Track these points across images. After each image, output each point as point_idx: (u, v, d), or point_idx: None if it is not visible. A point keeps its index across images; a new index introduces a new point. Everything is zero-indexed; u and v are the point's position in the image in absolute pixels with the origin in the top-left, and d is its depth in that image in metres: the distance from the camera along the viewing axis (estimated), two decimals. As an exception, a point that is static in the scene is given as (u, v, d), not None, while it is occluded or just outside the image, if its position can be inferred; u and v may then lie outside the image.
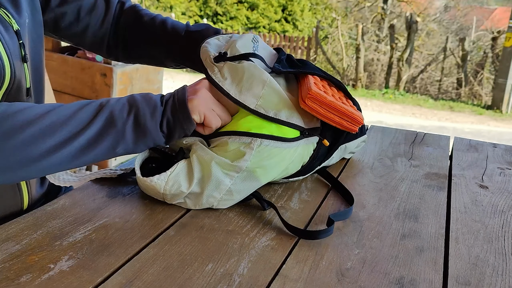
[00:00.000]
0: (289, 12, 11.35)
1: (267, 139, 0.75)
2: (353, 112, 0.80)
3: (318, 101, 0.77)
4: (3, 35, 0.79)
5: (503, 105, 7.52)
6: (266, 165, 0.76)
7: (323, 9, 11.20)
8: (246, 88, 0.76)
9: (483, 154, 1.10)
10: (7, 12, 0.81)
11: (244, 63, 0.77)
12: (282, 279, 0.60)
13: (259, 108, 0.76)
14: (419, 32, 9.27)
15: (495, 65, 8.50)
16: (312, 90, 0.76)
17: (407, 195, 0.86)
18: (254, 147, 0.74)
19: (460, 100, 8.33)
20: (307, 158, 0.84)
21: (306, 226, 0.74)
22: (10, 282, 0.56)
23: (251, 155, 0.74)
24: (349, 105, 0.83)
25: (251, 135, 0.75)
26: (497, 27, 8.98)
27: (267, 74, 0.78)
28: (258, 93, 0.76)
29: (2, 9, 0.80)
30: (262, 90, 0.76)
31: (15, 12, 0.83)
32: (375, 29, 9.64)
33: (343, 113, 0.79)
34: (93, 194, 0.79)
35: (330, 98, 0.78)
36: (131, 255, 0.63)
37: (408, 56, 8.74)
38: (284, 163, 0.79)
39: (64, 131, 0.68)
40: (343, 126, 0.80)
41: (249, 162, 0.74)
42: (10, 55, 0.79)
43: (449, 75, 8.93)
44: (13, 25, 0.81)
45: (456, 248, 0.70)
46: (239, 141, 0.75)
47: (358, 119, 0.80)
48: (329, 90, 0.82)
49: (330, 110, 0.78)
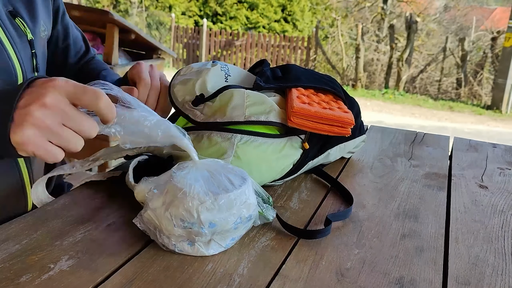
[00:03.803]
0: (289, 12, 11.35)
1: (247, 134, 0.75)
2: (341, 115, 0.79)
3: (303, 115, 0.77)
4: (17, 45, 0.80)
5: (503, 105, 7.52)
6: (251, 162, 0.76)
7: (323, 9, 11.20)
8: (230, 110, 0.76)
9: (483, 154, 1.10)
10: (23, 21, 0.82)
11: (224, 94, 0.77)
12: (282, 279, 0.60)
13: (248, 118, 0.76)
14: (419, 32, 9.28)
15: (494, 65, 8.50)
16: (295, 107, 0.77)
17: (407, 195, 0.86)
18: (235, 142, 0.75)
19: (460, 100, 8.34)
20: (297, 156, 0.83)
21: (306, 226, 0.74)
22: (10, 282, 0.56)
23: (232, 150, 0.74)
24: (338, 107, 0.83)
25: (231, 131, 0.75)
26: (496, 27, 8.99)
27: (243, 89, 0.78)
28: (242, 104, 0.76)
29: (18, 18, 0.81)
30: (245, 102, 0.76)
31: (30, 22, 0.85)
32: (375, 29, 9.64)
33: (331, 119, 0.79)
34: (93, 194, 0.79)
35: (315, 109, 0.78)
36: (131, 255, 0.63)
37: (408, 56, 8.75)
38: (269, 161, 0.79)
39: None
40: (335, 132, 0.80)
41: (232, 158, 0.74)
42: (22, 64, 0.80)
43: (449, 75, 8.93)
44: (27, 34, 0.82)
45: (456, 248, 0.70)
46: (220, 136, 0.75)
47: (347, 120, 0.79)
48: (314, 98, 0.82)
49: (317, 120, 0.78)
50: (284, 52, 8.97)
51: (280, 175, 0.83)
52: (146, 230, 0.65)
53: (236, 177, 0.66)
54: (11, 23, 0.80)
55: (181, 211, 0.61)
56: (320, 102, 0.82)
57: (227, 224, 0.63)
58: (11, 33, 0.79)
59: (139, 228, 0.66)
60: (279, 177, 0.83)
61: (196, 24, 11.23)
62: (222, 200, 0.62)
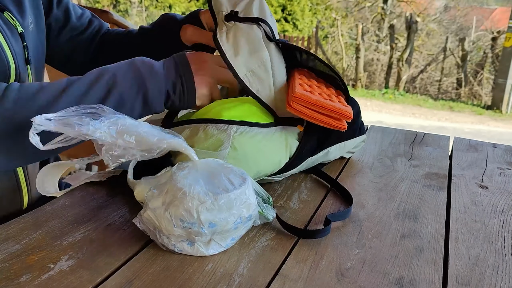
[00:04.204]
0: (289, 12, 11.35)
1: (242, 125, 0.76)
2: (341, 107, 0.79)
3: (303, 101, 0.77)
4: (8, 37, 0.80)
5: (503, 105, 7.52)
6: (247, 152, 0.77)
7: (323, 9, 11.20)
8: (243, 54, 0.78)
9: (483, 154, 1.10)
10: (12, 15, 0.82)
11: (254, 28, 0.79)
12: (282, 279, 0.60)
13: (245, 78, 0.78)
14: (419, 32, 9.27)
15: (495, 65, 8.50)
16: (296, 92, 0.76)
17: (407, 195, 0.86)
18: (231, 134, 0.75)
19: (460, 100, 8.33)
20: (294, 148, 0.83)
21: (306, 226, 0.74)
22: (10, 282, 0.56)
23: (229, 141, 0.75)
24: (339, 100, 0.82)
25: (227, 122, 0.76)
26: (497, 27, 8.98)
27: (267, 53, 0.79)
28: (251, 66, 0.78)
29: (7, 12, 0.81)
30: (257, 66, 0.78)
31: (19, 15, 0.84)
32: (375, 29, 9.64)
33: (330, 110, 0.78)
34: (93, 194, 0.79)
35: (315, 97, 0.77)
36: (131, 255, 0.63)
37: (408, 56, 8.74)
38: (265, 152, 0.79)
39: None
40: (331, 125, 0.79)
41: (229, 149, 0.75)
42: (15, 57, 0.80)
43: (449, 75, 8.93)
44: (17, 27, 0.82)
45: (456, 248, 0.70)
46: (216, 128, 0.76)
47: (346, 113, 0.78)
48: (316, 88, 0.82)
49: (316, 109, 0.78)
50: (284, 52, 8.96)
51: (278, 167, 0.83)
52: (146, 230, 0.65)
53: (236, 177, 0.66)
54: (0, 17, 0.80)
55: (181, 211, 0.61)
56: (322, 93, 0.81)
57: (227, 224, 0.63)
58: (2, 26, 0.79)
59: (139, 228, 0.66)
60: (277, 169, 0.83)
61: (196, 24, 11.22)
62: (222, 200, 0.62)
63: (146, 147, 0.64)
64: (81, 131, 0.61)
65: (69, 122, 0.62)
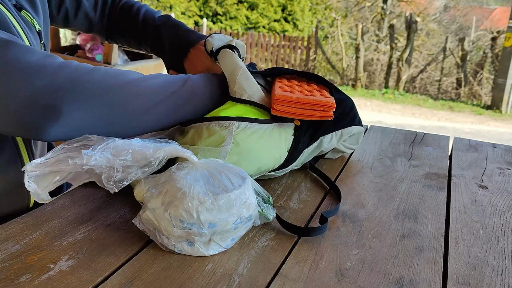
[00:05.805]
0: (289, 12, 11.35)
1: (243, 121, 0.78)
2: (322, 99, 0.82)
3: (285, 102, 0.80)
4: (30, 36, 0.81)
5: (503, 105, 7.52)
6: (249, 148, 0.77)
7: (323, 9, 11.20)
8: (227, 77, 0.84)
9: (483, 154, 1.10)
10: (29, 13, 0.83)
11: (226, 51, 0.85)
12: (281, 279, 0.60)
13: (234, 94, 0.81)
14: (419, 32, 9.28)
15: (494, 65, 8.50)
16: (276, 94, 0.80)
17: (407, 195, 0.86)
18: (233, 130, 0.77)
19: (460, 100, 8.33)
20: (290, 142, 0.84)
21: (306, 225, 0.74)
22: (10, 282, 0.56)
23: (231, 137, 0.76)
24: (320, 94, 0.85)
25: (228, 119, 0.78)
26: (496, 27, 8.98)
27: (242, 63, 0.84)
28: (234, 79, 0.82)
29: (24, 11, 0.82)
30: (237, 76, 0.82)
31: (35, 14, 0.85)
32: (375, 29, 9.65)
33: (313, 104, 0.81)
34: (93, 194, 0.79)
35: (296, 95, 0.81)
36: (131, 255, 0.63)
37: (407, 56, 8.74)
38: (265, 147, 0.80)
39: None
40: (318, 117, 0.82)
41: (231, 145, 0.75)
42: None
43: (449, 75, 8.93)
44: (35, 25, 0.83)
45: (456, 248, 0.70)
46: (218, 125, 0.77)
47: (328, 104, 0.82)
48: (297, 87, 0.86)
49: (299, 106, 0.81)
50: (284, 52, 8.96)
51: (278, 162, 0.84)
52: (146, 230, 0.65)
53: (236, 177, 0.66)
54: (19, 15, 0.81)
55: (180, 212, 0.61)
56: (303, 91, 0.85)
57: (227, 224, 0.63)
58: (23, 25, 0.80)
59: (139, 228, 0.66)
60: (278, 164, 0.84)
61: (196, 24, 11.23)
62: (222, 200, 0.62)
63: (145, 161, 0.64)
64: (76, 163, 0.62)
65: (62, 158, 0.63)
